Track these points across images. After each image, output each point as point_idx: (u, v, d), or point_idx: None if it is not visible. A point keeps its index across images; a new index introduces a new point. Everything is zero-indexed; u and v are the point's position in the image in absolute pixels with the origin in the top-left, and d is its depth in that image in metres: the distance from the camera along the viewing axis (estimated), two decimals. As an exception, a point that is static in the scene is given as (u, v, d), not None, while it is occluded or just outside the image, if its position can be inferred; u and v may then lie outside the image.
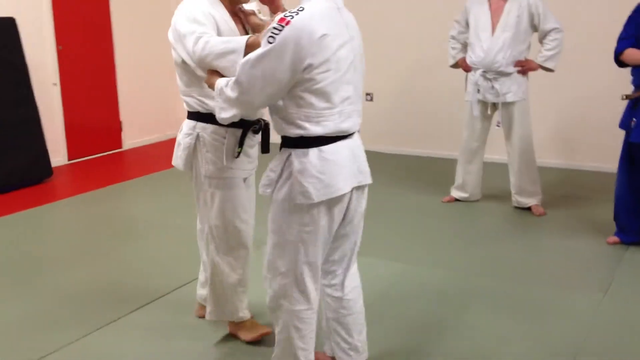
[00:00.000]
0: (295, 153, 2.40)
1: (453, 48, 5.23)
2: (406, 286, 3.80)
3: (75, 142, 7.02)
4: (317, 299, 2.56)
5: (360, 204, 2.59)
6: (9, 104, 5.92)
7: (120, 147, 7.59)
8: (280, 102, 2.36)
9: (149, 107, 7.87)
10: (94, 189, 5.97)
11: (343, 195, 2.44)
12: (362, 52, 2.52)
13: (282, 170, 2.44)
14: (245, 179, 3.01)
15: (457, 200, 5.39)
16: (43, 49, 6.58)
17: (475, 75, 5.02)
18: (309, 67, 2.25)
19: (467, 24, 5.08)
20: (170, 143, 5.02)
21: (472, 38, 5.02)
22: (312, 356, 2.62)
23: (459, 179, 5.38)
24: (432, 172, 6.32)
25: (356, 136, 2.54)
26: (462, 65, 5.18)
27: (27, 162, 6.03)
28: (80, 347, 3.18)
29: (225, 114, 2.41)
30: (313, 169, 2.36)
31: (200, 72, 2.64)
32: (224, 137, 2.84)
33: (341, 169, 2.41)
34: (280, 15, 2.30)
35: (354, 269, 2.74)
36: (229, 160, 2.86)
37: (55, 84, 6.72)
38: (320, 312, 2.72)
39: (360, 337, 2.76)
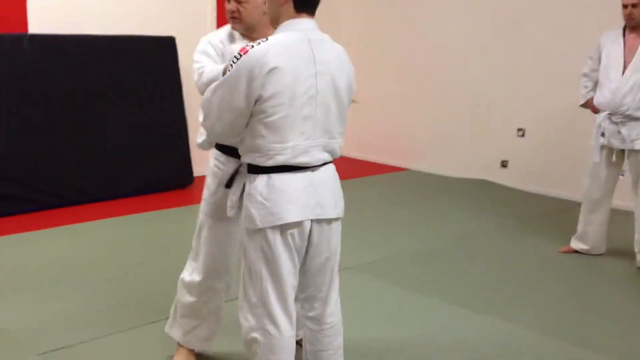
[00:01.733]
0: (248, 178, 2.44)
1: (585, 87, 4.81)
2: (469, 337, 3.52)
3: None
4: (290, 329, 2.49)
5: (326, 239, 2.50)
6: (161, 117, 6.49)
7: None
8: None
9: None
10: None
11: (298, 225, 2.39)
12: (340, 88, 2.42)
13: (241, 194, 2.49)
14: None
15: (576, 251, 4.93)
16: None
17: (600, 118, 4.58)
18: (260, 98, 2.27)
19: (600, 61, 4.66)
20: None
21: (602, 77, 4.59)
22: None
23: (580, 228, 4.91)
24: (568, 218, 5.79)
25: (324, 169, 2.47)
26: (590, 105, 4.75)
27: (171, 169, 6.57)
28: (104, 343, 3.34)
29: (199, 139, 2.49)
30: (258, 195, 2.38)
31: None
32: (223, 164, 2.78)
33: (290, 197, 2.37)
34: (243, 45, 2.35)
35: (336, 305, 2.66)
36: (219, 188, 2.78)
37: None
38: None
39: None
